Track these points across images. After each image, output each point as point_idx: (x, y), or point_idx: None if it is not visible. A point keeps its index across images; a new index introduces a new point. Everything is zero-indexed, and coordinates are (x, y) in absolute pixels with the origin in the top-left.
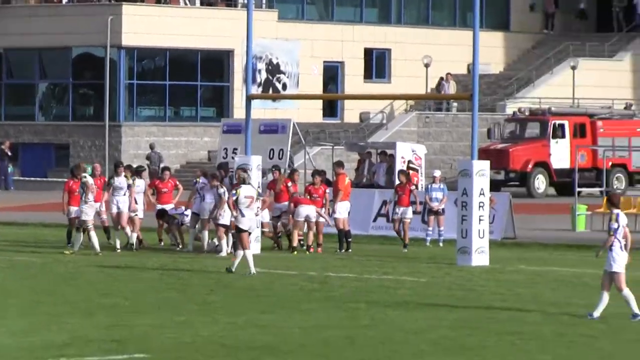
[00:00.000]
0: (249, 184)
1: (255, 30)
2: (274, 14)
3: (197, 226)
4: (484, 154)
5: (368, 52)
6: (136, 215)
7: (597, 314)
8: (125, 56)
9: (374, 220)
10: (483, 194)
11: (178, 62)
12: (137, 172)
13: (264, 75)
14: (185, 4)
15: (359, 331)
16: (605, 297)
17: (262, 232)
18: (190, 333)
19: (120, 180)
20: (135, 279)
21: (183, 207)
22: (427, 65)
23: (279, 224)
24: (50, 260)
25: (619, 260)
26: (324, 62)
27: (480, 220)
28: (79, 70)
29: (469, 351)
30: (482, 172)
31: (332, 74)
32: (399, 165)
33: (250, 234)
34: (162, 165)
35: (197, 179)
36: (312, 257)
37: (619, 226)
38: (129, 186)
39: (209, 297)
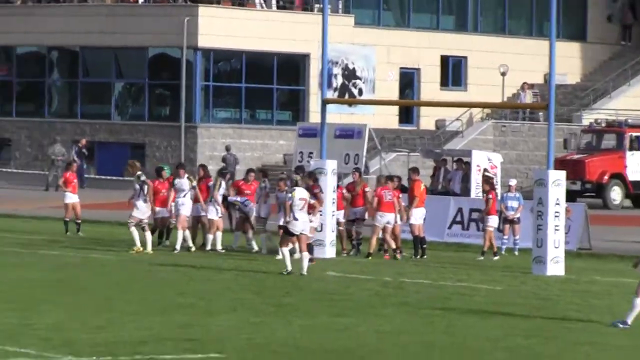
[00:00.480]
0: (302, 186)
1: (332, 35)
2: (350, 19)
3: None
4: (560, 164)
5: (444, 60)
6: (220, 217)
7: (629, 320)
8: (201, 57)
9: (449, 227)
10: (559, 203)
11: (254, 64)
12: (221, 174)
13: (340, 80)
14: (262, 7)
15: (435, 337)
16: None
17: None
18: (266, 334)
19: (182, 182)
20: (211, 280)
21: (245, 198)
22: (503, 74)
23: (353, 228)
24: (126, 259)
25: None
26: (400, 68)
27: (555, 230)
28: (155, 71)
29: (543, 359)
30: (558, 181)
31: (408, 80)
32: (475, 173)
33: (304, 235)
34: (247, 168)
35: (263, 182)
36: (387, 263)
37: None
38: (193, 187)
39: (284, 299)
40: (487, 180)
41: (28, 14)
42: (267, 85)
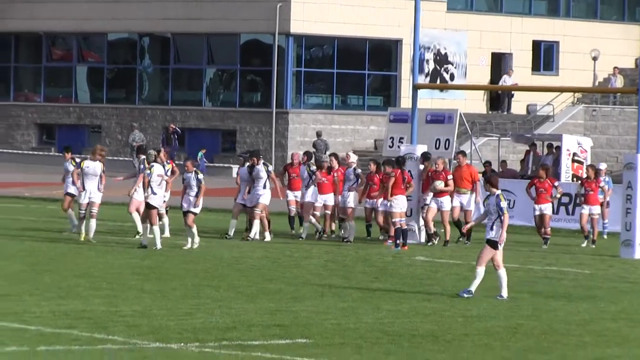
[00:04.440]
0: (160, 163)
1: (424, 21)
2: (443, 5)
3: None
4: None
5: (536, 44)
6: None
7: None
8: (293, 43)
9: None
10: None
11: (346, 50)
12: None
13: (431, 65)
14: None
15: (522, 321)
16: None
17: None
18: (353, 320)
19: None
20: (299, 266)
21: None
22: (594, 59)
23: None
24: (215, 245)
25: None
26: (492, 53)
27: None
28: (247, 57)
29: (631, 342)
30: None
31: (499, 65)
32: (565, 157)
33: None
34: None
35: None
36: (476, 248)
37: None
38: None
39: (372, 284)
40: (593, 167)
41: (119, 0)
42: (359, 70)
